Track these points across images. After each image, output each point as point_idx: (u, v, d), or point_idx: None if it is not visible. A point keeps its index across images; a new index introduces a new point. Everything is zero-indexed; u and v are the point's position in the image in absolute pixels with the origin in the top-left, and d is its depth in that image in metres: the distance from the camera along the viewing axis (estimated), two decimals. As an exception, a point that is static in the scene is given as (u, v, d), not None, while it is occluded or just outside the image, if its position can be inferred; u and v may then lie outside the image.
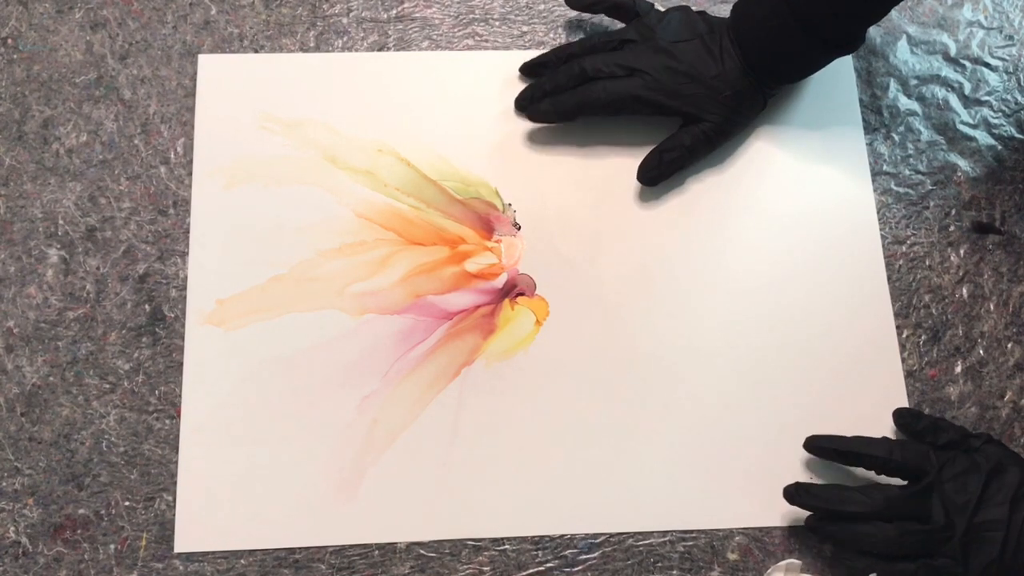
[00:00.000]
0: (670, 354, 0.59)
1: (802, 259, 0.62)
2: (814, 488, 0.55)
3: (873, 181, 0.64)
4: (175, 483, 0.55)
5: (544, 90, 0.62)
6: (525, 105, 0.63)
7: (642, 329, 0.60)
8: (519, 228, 0.62)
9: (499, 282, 0.60)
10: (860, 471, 0.56)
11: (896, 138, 0.65)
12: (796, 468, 0.57)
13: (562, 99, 0.61)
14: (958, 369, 0.60)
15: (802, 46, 0.58)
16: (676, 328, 0.60)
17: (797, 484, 0.55)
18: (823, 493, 0.54)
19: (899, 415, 0.58)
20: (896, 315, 0.61)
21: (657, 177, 0.62)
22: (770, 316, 0.60)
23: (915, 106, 0.66)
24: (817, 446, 0.56)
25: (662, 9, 0.63)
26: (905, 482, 0.54)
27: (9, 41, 0.63)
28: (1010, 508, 0.51)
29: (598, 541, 0.56)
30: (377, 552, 0.55)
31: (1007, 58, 0.68)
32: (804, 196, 0.63)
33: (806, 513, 0.56)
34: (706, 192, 0.63)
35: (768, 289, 0.61)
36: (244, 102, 0.63)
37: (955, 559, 0.51)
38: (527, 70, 0.64)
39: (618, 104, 0.60)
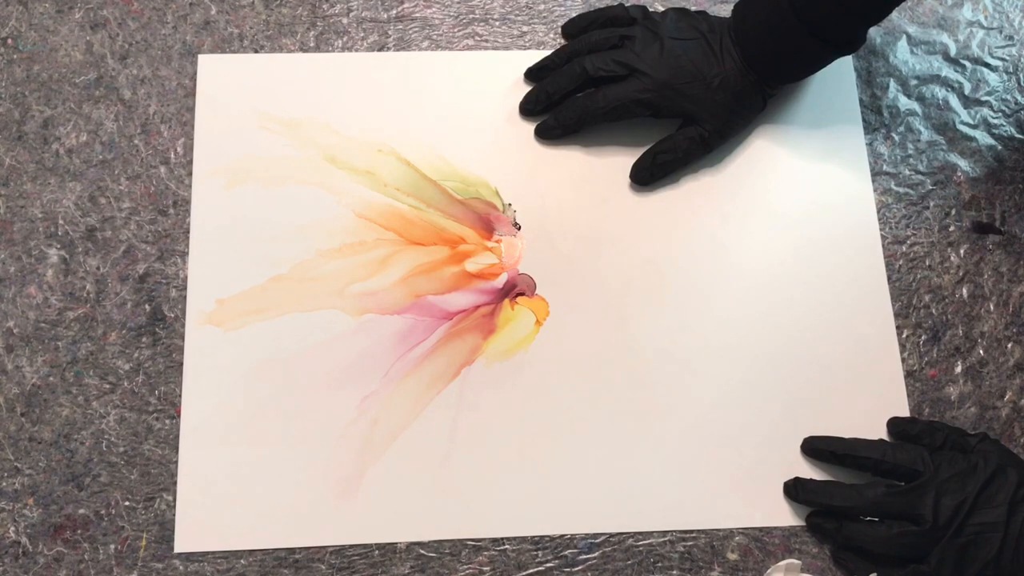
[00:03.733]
0: (670, 354, 0.59)
1: (802, 259, 0.62)
2: (810, 484, 0.56)
3: (873, 181, 0.64)
4: (175, 483, 0.55)
5: (547, 92, 0.62)
6: (530, 109, 0.63)
7: (642, 329, 0.60)
8: (519, 228, 0.62)
9: (499, 282, 0.60)
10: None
11: (896, 138, 0.65)
12: (796, 468, 0.57)
13: (564, 113, 0.62)
14: (958, 369, 0.60)
15: (803, 46, 0.58)
16: (676, 328, 0.60)
17: (796, 479, 0.56)
18: (818, 488, 0.56)
19: (893, 424, 0.58)
20: (896, 315, 0.61)
21: (649, 178, 0.62)
22: (770, 316, 0.60)
23: (915, 106, 0.66)
24: (813, 448, 0.57)
25: (661, 8, 0.63)
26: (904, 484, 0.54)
27: (9, 41, 0.63)
28: (1008, 510, 0.51)
29: (598, 541, 0.56)
30: (377, 552, 0.55)
31: (1007, 58, 0.68)
32: (804, 196, 0.63)
33: (806, 513, 0.56)
34: (706, 192, 0.63)
35: (768, 289, 0.61)
36: (244, 102, 0.63)
37: (946, 561, 0.51)
38: (531, 75, 0.64)
39: (619, 111, 0.61)
